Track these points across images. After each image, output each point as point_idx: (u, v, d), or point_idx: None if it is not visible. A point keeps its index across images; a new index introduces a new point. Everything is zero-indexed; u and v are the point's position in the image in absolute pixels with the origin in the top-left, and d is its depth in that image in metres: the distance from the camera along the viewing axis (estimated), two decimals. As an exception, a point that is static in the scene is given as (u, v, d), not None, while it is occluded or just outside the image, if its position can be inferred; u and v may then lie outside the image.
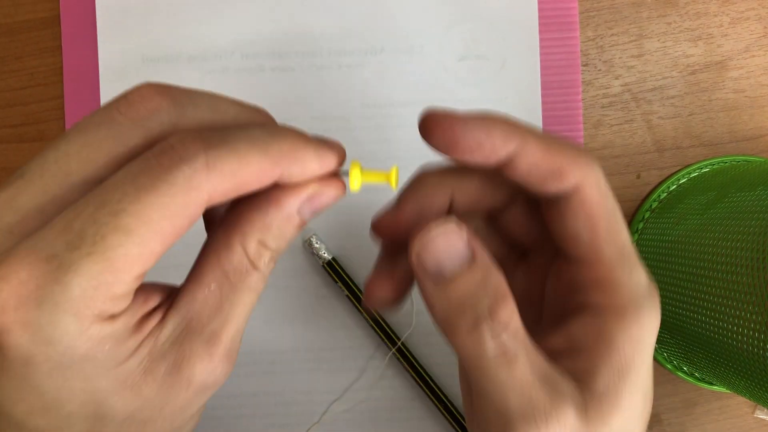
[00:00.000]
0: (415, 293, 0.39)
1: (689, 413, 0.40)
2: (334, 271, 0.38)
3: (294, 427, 0.39)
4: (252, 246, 0.21)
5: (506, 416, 0.20)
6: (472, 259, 0.21)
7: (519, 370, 0.20)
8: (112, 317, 0.18)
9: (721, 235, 0.30)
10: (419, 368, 0.38)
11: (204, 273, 0.20)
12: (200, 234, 0.24)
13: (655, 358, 0.40)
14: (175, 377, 0.19)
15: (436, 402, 0.38)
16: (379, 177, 0.22)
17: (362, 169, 0.22)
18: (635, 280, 0.22)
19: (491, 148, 0.20)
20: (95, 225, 0.17)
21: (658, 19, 0.40)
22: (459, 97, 0.39)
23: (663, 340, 0.37)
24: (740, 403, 0.40)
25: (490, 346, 0.20)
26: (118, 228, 0.17)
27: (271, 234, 0.21)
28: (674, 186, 0.39)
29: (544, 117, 0.40)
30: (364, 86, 0.39)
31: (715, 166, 0.39)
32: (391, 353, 0.39)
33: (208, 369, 0.20)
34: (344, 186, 0.22)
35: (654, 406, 0.40)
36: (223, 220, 0.21)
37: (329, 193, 0.22)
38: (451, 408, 0.38)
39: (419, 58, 0.39)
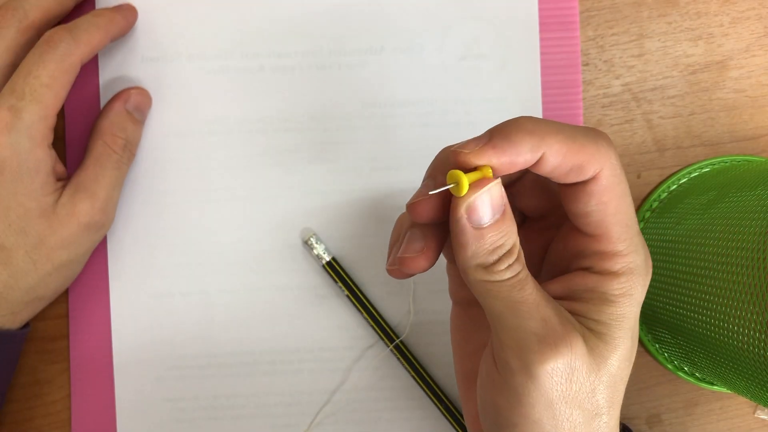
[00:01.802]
0: (412, 292, 0.39)
1: (690, 413, 0.40)
2: (334, 271, 0.38)
3: (294, 427, 0.39)
4: (108, 138, 0.35)
5: (521, 335, 0.23)
6: (504, 211, 0.23)
7: (529, 291, 0.23)
8: (49, 147, 0.33)
9: (721, 235, 0.30)
10: (419, 368, 0.38)
11: (85, 159, 0.35)
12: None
13: (656, 359, 0.40)
14: (71, 214, 0.34)
15: (435, 401, 0.38)
16: (477, 175, 0.23)
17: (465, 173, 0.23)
18: (633, 249, 0.24)
19: (522, 164, 0.23)
20: (29, 85, 0.32)
21: (659, 19, 0.40)
22: (459, 97, 0.39)
23: (664, 341, 0.37)
24: (741, 403, 0.40)
25: (507, 273, 0.23)
26: (42, 84, 0.32)
27: (116, 127, 0.36)
28: (675, 186, 0.39)
29: (544, 117, 0.39)
30: (364, 86, 0.39)
31: (715, 166, 0.39)
32: (388, 350, 0.39)
33: (88, 211, 0.34)
34: (123, 27, 0.37)
35: (655, 406, 0.40)
36: (93, 127, 0.36)
37: (136, 93, 0.37)
38: (451, 407, 0.38)
39: (419, 58, 0.39)
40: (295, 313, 0.39)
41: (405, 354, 0.38)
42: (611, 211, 0.24)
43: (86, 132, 0.38)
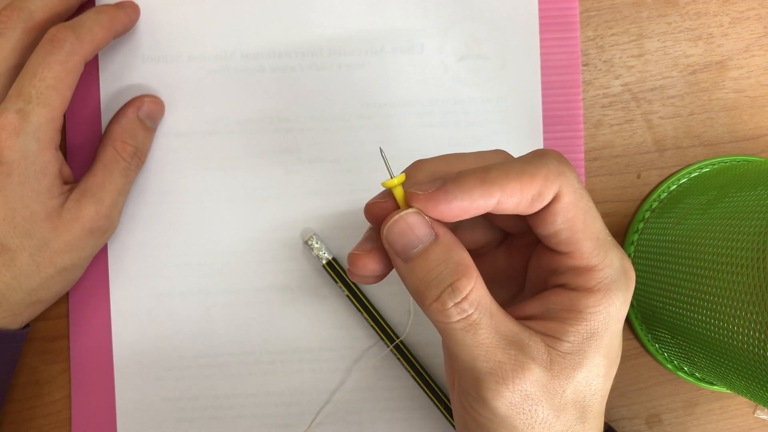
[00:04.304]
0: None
1: (690, 413, 0.40)
2: (334, 271, 0.38)
3: (294, 427, 0.39)
4: (118, 145, 0.35)
5: (476, 374, 0.23)
6: (435, 238, 0.24)
7: (482, 335, 0.23)
8: (57, 149, 0.33)
9: (721, 235, 0.30)
10: (418, 368, 0.38)
11: (94, 164, 0.35)
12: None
13: (655, 358, 0.40)
14: (75, 218, 0.33)
15: (435, 401, 0.38)
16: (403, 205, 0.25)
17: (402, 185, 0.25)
18: (608, 263, 0.24)
19: (476, 211, 0.23)
20: (35, 88, 0.32)
21: (659, 19, 0.40)
22: (459, 97, 0.39)
23: (663, 340, 0.37)
24: (741, 403, 0.40)
25: (453, 313, 0.23)
26: (48, 87, 0.32)
27: (127, 134, 0.36)
28: (674, 186, 0.39)
29: (544, 117, 0.39)
30: (364, 86, 0.39)
31: (715, 166, 0.39)
32: (388, 350, 0.39)
33: (93, 216, 0.34)
34: (130, 20, 0.37)
35: (654, 406, 0.40)
36: (104, 133, 0.37)
37: (150, 101, 0.37)
38: (451, 407, 0.38)
39: (419, 58, 0.39)
40: (295, 313, 0.39)
41: (405, 354, 0.39)
42: (579, 227, 0.24)
43: (86, 131, 0.38)
